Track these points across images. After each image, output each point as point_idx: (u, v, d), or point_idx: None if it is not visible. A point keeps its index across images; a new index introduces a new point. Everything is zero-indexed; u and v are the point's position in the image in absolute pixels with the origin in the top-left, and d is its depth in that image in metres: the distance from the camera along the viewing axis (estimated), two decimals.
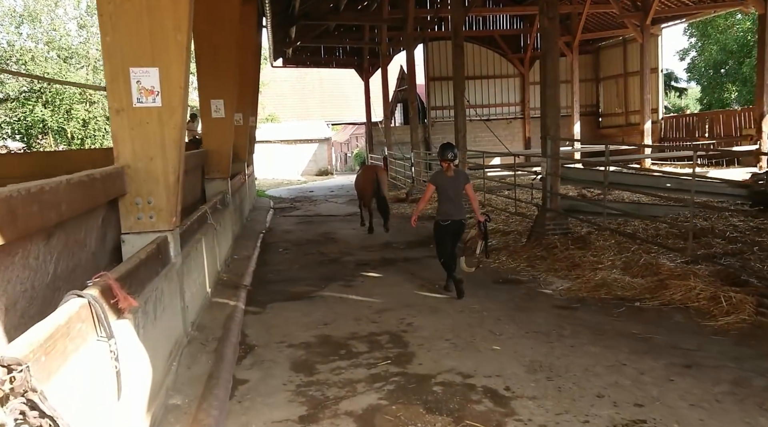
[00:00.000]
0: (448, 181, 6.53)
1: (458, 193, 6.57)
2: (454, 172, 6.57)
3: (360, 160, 46.99)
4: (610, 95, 27.73)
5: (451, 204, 6.56)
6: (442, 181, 6.58)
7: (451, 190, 6.52)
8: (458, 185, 6.55)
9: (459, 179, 6.57)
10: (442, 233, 6.64)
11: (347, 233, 12.13)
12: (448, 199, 6.55)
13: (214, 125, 10.09)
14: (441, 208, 6.66)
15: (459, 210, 6.61)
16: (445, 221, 6.58)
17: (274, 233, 12.57)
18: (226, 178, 10.28)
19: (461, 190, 6.59)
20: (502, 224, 11.85)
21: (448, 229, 6.59)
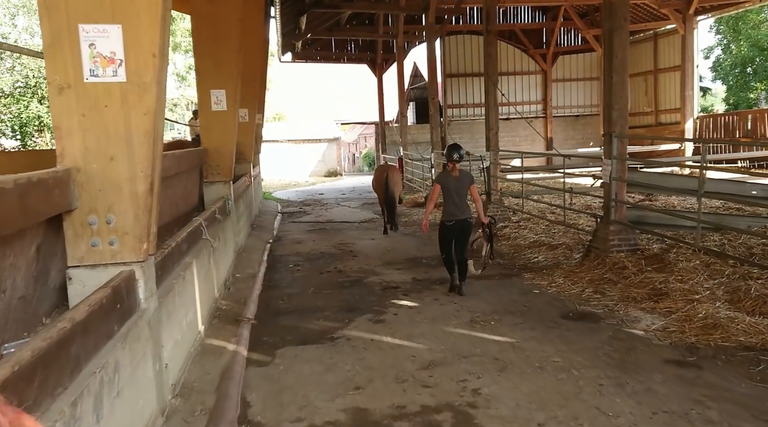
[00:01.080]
0: (453, 181, 6.65)
1: (463, 194, 6.66)
2: (459, 173, 6.69)
3: (369, 161, 45.59)
4: (638, 93, 26.09)
5: (456, 205, 6.64)
6: (447, 181, 6.70)
7: (456, 190, 6.63)
8: (463, 186, 6.66)
9: (464, 180, 6.68)
10: (446, 234, 6.76)
11: (366, 243, 10.63)
12: (452, 199, 6.66)
13: (214, 119, 8.63)
14: (446, 208, 6.74)
15: (463, 210, 6.67)
16: (449, 221, 6.69)
17: (283, 243, 11.09)
18: (227, 181, 8.82)
19: (466, 191, 6.69)
20: (544, 234, 10.32)
21: (453, 229, 6.70)
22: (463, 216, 6.68)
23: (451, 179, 6.67)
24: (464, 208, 6.69)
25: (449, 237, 6.75)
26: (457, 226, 6.69)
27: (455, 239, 6.75)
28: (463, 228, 6.73)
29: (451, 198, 6.68)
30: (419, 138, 24.65)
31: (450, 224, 6.70)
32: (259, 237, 11.51)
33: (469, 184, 6.70)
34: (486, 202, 12.30)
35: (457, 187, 6.64)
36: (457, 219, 6.66)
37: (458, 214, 6.66)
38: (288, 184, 28.73)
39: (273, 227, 13.36)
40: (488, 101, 12.29)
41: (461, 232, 6.74)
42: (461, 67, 26.27)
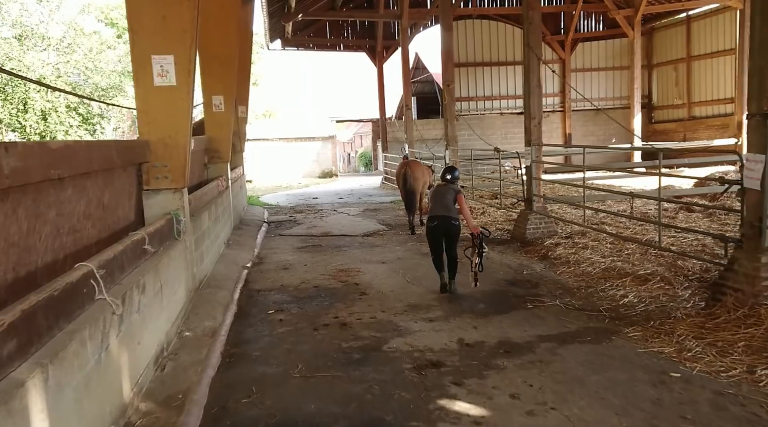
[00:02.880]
0: (441, 190, 6.89)
1: (449, 200, 6.75)
2: (447, 185, 6.95)
3: (366, 161, 42.87)
4: (667, 84, 23.51)
5: (441, 206, 6.73)
6: (435, 189, 7.04)
7: (442, 196, 6.80)
8: (449, 194, 6.79)
9: (450, 189, 6.86)
10: (433, 235, 6.78)
11: (375, 270, 7.92)
12: (437, 201, 6.83)
13: (157, 99, 5.89)
14: (431, 210, 6.89)
15: (448, 210, 6.70)
16: (432, 220, 6.75)
17: (266, 269, 8.35)
18: (179, 188, 6.09)
19: (452, 198, 6.77)
20: (616, 256, 7.64)
21: (438, 228, 6.71)
22: (447, 214, 6.68)
23: (441, 189, 6.95)
24: (449, 210, 6.72)
25: (436, 237, 6.77)
26: (442, 226, 6.69)
27: (444, 240, 6.76)
28: (448, 228, 6.71)
29: (436, 200, 6.87)
30: (425, 134, 21.96)
31: (433, 224, 6.74)
32: (235, 259, 8.76)
33: (455, 193, 6.82)
34: (526, 212, 9.60)
35: (443, 195, 6.82)
36: (441, 217, 6.67)
37: (443, 212, 6.68)
38: (278, 187, 25.94)
39: (254, 243, 10.61)
40: (529, 81, 9.60)
41: (447, 232, 6.72)
42: (470, 55, 23.60)
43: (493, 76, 23.99)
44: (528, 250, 8.78)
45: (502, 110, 24.31)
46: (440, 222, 6.67)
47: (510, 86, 24.16)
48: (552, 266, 7.67)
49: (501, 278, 7.12)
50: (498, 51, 23.87)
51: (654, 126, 23.97)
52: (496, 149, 11.27)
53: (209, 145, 11.08)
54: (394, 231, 11.53)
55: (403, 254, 9.00)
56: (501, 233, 10.55)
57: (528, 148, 9.66)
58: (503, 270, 7.56)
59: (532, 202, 9.63)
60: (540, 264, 7.85)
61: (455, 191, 6.81)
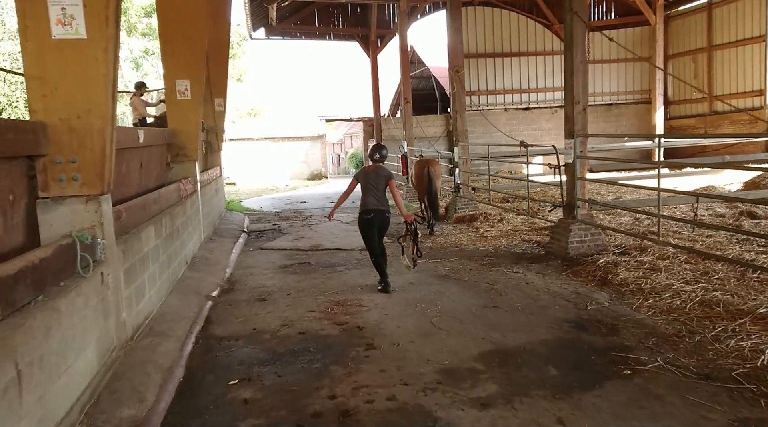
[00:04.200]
0: (372, 176, 6.50)
1: (381, 188, 6.47)
2: (377, 169, 6.57)
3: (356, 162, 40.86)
4: (684, 77, 21.68)
5: (374, 197, 6.44)
6: (365, 177, 6.54)
7: (374, 185, 6.45)
8: (381, 180, 6.47)
9: (381, 175, 6.51)
10: (368, 227, 6.47)
11: (384, 303, 5.90)
12: (370, 193, 6.46)
13: (57, 57, 3.86)
14: (363, 201, 6.52)
15: (381, 202, 6.46)
16: (367, 213, 6.44)
17: (235, 301, 6.30)
18: (96, 196, 4.06)
19: (384, 186, 6.48)
20: (705, 281, 5.69)
21: (372, 221, 6.43)
22: (381, 207, 6.43)
23: (370, 174, 6.54)
24: (383, 201, 6.48)
25: (370, 231, 6.46)
26: (377, 218, 6.43)
27: (378, 233, 6.47)
28: (382, 221, 6.48)
29: (368, 192, 6.46)
30: (423, 132, 19.99)
31: (368, 217, 6.43)
32: (198, 286, 6.71)
33: (386, 179, 6.49)
34: (567, 221, 7.65)
35: (376, 181, 6.46)
36: (375, 210, 6.40)
37: (377, 205, 6.41)
38: (263, 190, 23.85)
39: (227, 261, 8.56)
40: (572, 56, 7.64)
41: (381, 224, 6.50)
42: (471, 46, 21.62)
43: (496, 68, 22.07)
44: (576, 271, 6.81)
45: (506, 106, 22.40)
46: (375, 215, 6.42)
47: (515, 80, 22.26)
48: (620, 297, 5.70)
49: (560, 317, 5.12)
50: (502, 41, 21.96)
51: (670, 122, 22.13)
52: (522, 144, 9.31)
53: (173, 140, 9.03)
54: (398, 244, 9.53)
55: (415, 277, 7.00)
56: (530, 246, 8.59)
57: (569, 140, 7.70)
58: (557, 303, 5.57)
59: (575, 209, 7.67)
60: (602, 293, 5.88)
61: (386, 177, 6.51)
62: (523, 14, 21.75)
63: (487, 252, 8.39)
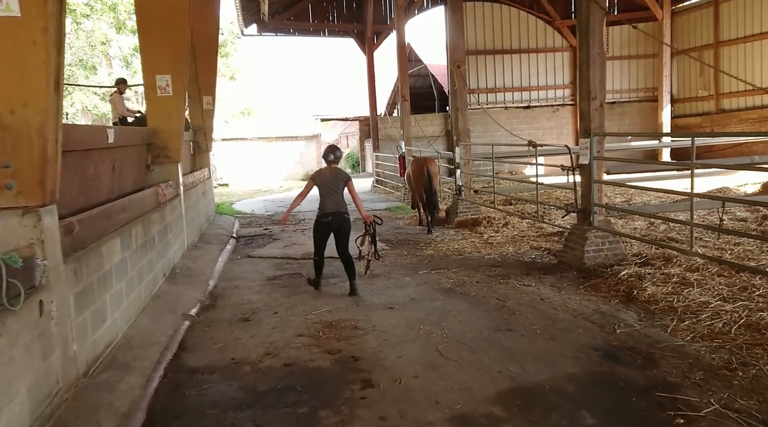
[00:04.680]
0: (330, 178, 6.38)
1: (339, 191, 6.38)
2: (334, 171, 6.47)
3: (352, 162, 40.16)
4: (690, 74, 21.07)
5: (332, 200, 6.34)
6: (322, 179, 6.42)
7: (333, 187, 6.35)
8: (338, 182, 6.37)
9: (339, 177, 6.42)
10: (322, 230, 6.41)
11: (384, 324, 5.21)
12: (329, 196, 6.35)
13: None
14: (322, 204, 6.41)
15: (339, 205, 6.35)
16: (325, 216, 6.33)
17: (215, 322, 5.60)
18: (36, 208, 3.36)
19: (342, 188, 6.39)
20: (756, 302, 5.04)
21: (330, 225, 6.34)
22: (340, 210, 6.33)
23: (327, 177, 6.40)
24: (341, 203, 6.37)
25: (325, 234, 6.40)
26: (335, 221, 6.33)
27: (335, 237, 6.40)
28: (341, 224, 6.37)
29: (327, 195, 6.36)
30: (420, 131, 19.31)
31: (326, 220, 6.33)
32: (175, 303, 6.01)
33: (345, 181, 6.40)
34: (582, 228, 6.98)
35: (334, 183, 6.35)
36: (334, 213, 6.30)
37: (336, 208, 6.32)
38: (257, 192, 23.13)
39: (212, 271, 7.86)
40: (588, 46, 6.92)
41: (340, 228, 6.38)
42: (470, 43, 20.88)
43: (496, 65, 21.39)
44: (595, 285, 6.14)
45: (506, 104, 21.73)
46: (334, 218, 6.33)
47: (515, 77, 21.58)
48: (650, 317, 5.03)
49: (586, 343, 4.44)
50: (502, 38, 21.29)
51: (675, 121, 21.47)
52: (530, 143, 8.62)
53: (153, 140, 8.33)
54: (398, 251, 8.86)
55: (417, 291, 6.32)
56: (539, 255, 7.92)
57: (585, 140, 7.02)
58: (580, 325, 4.89)
59: (591, 215, 6.99)
60: (629, 312, 5.20)
61: (344, 179, 6.44)
62: (524, 10, 21.09)
63: (493, 261, 7.72)
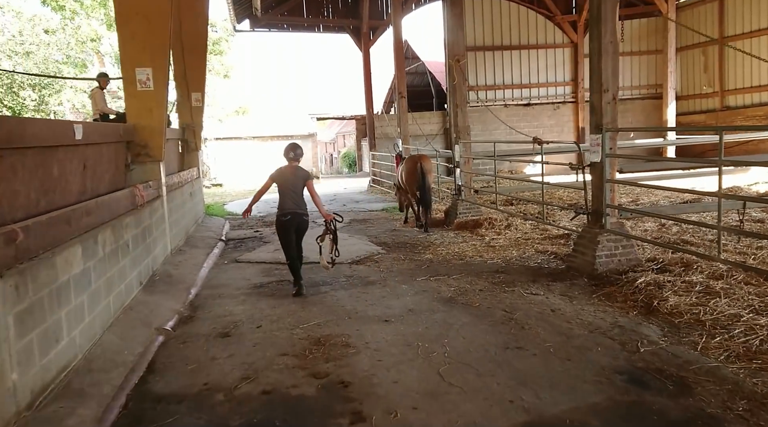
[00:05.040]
0: (289, 177, 6.41)
1: (299, 190, 6.41)
2: (295, 169, 6.49)
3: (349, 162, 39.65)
4: (694, 71, 20.60)
5: (292, 200, 6.37)
6: (282, 177, 6.44)
7: (292, 186, 6.38)
8: (298, 182, 6.40)
9: (299, 176, 6.45)
10: (285, 230, 6.41)
11: (378, 340, 4.67)
12: (288, 195, 6.38)
13: None
14: (281, 204, 6.44)
15: (299, 204, 6.39)
16: (285, 215, 6.36)
17: (191, 338, 5.06)
18: None
19: (302, 187, 6.43)
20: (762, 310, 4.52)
21: (290, 224, 6.37)
22: (298, 210, 6.37)
23: (287, 175, 6.42)
24: (300, 203, 6.41)
25: (288, 233, 6.39)
26: (294, 220, 6.37)
27: (293, 234, 6.38)
28: (300, 223, 6.43)
29: (287, 194, 6.39)
30: (418, 130, 18.79)
31: (285, 219, 6.37)
32: (149, 315, 5.47)
33: (304, 180, 6.44)
34: (593, 231, 6.46)
35: (294, 182, 6.38)
36: (293, 213, 6.33)
37: (294, 208, 6.34)
38: (251, 192, 22.47)
39: (195, 277, 7.32)
40: (599, 34, 6.38)
41: (298, 227, 6.44)
42: (470, 39, 20.37)
43: (495, 62, 20.87)
44: (609, 294, 5.62)
45: (506, 101, 21.21)
46: (293, 217, 6.35)
47: (515, 74, 21.07)
48: (675, 332, 4.50)
49: (607, 365, 3.91)
50: (501, 33, 20.78)
51: (678, 118, 20.98)
52: (536, 140, 8.09)
53: (133, 138, 7.78)
54: (394, 255, 8.33)
55: (415, 301, 5.78)
56: (546, 259, 7.40)
57: (596, 136, 6.48)
58: (598, 342, 4.35)
59: (603, 217, 6.46)
60: (651, 326, 4.67)
61: (304, 178, 6.46)
62: (524, 5, 20.56)
63: (497, 266, 7.19)
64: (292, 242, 6.41)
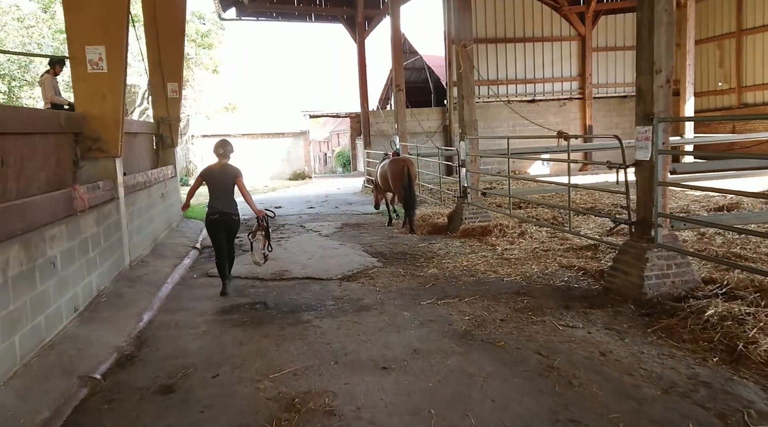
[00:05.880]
0: (219, 174, 6.29)
1: (228, 188, 6.29)
2: (224, 167, 6.34)
3: (343, 161, 38.37)
4: (708, 66, 19.42)
5: (220, 198, 6.25)
6: (211, 175, 6.32)
7: (221, 184, 6.26)
8: (228, 179, 6.27)
9: (229, 173, 6.30)
10: (214, 229, 6.33)
11: (374, 405, 3.40)
12: (217, 193, 6.29)
13: None
14: (210, 202, 6.34)
15: (228, 204, 6.26)
16: (213, 214, 6.25)
17: (123, 391, 3.77)
18: None
19: (231, 185, 6.29)
20: None
21: (218, 223, 6.26)
22: (227, 210, 6.23)
23: (216, 173, 6.29)
24: (229, 203, 6.28)
25: (217, 233, 6.30)
26: (222, 220, 6.23)
27: (223, 234, 6.28)
28: (228, 223, 6.27)
29: (215, 192, 6.28)
30: (416, 127, 17.53)
31: (214, 218, 6.25)
32: (73, 359, 4.18)
33: (234, 177, 6.28)
34: (639, 245, 5.20)
35: (223, 180, 6.25)
36: (221, 212, 6.20)
37: (222, 207, 6.22)
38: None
39: (152, 298, 6.02)
40: (651, 3, 5.10)
41: (227, 227, 6.30)
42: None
43: (498, 55, 19.63)
44: (670, 329, 4.36)
45: (509, 97, 19.98)
46: (221, 216, 6.21)
47: (519, 68, 19.84)
48: None
49: None
50: (505, 25, 19.55)
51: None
52: (561, 135, 6.83)
53: (82, 129, 6.49)
54: (393, 269, 7.07)
55: (421, 336, 4.52)
56: (574, 276, 6.15)
57: (644, 128, 5.22)
58: (685, 413, 3.08)
59: (652, 228, 5.21)
60: (748, 384, 3.42)
61: (233, 175, 6.30)
62: None
63: (517, 286, 5.95)
64: (221, 241, 6.30)
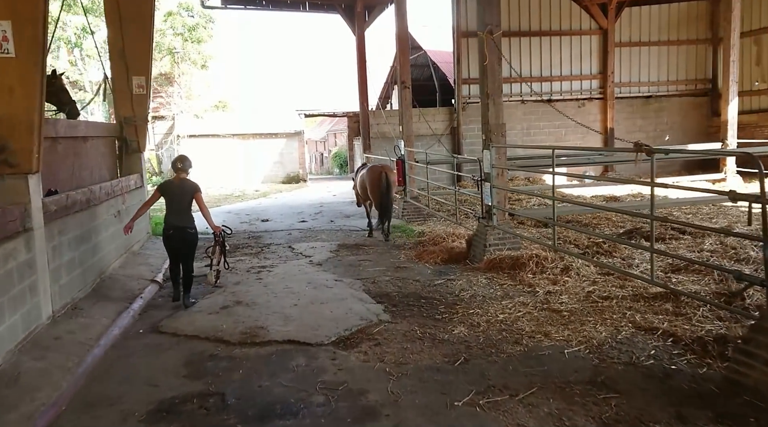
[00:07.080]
0: (177, 189, 6.32)
1: (185, 203, 6.27)
2: (182, 182, 6.37)
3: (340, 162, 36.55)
4: (743, 64, 17.58)
5: (176, 213, 6.24)
6: (169, 189, 6.36)
7: (178, 198, 6.26)
8: (186, 194, 6.28)
9: (187, 188, 6.32)
10: (170, 245, 6.32)
11: None
12: (173, 208, 6.28)
13: None
14: (167, 217, 6.32)
15: (184, 219, 6.25)
16: (168, 229, 6.24)
17: None
18: None
19: (189, 200, 6.29)
20: None
21: (174, 239, 6.23)
22: (182, 225, 6.22)
23: (174, 186, 6.33)
24: (185, 218, 6.25)
25: (173, 247, 6.30)
26: (177, 235, 6.21)
27: (181, 250, 6.28)
28: (184, 238, 6.23)
29: (172, 207, 6.28)
30: (422, 129, 15.69)
31: (170, 233, 6.23)
32: None
33: (192, 192, 6.29)
34: None
35: (181, 194, 6.25)
36: (177, 227, 6.21)
37: (177, 222, 6.21)
38: (227, 198, 19.35)
39: (61, 381, 4.16)
40: None
41: (183, 242, 6.25)
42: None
43: (512, 51, 17.74)
44: None
45: (523, 97, 18.15)
46: (176, 232, 6.20)
47: (534, 65, 18.00)
48: None
49: None
50: (519, 17, 17.71)
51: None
52: (638, 147, 4.93)
53: None
54: (404, 325, 5.24)
55: None
56: (661, 347, 4.34)
57: None
58: None
59: None
60: None
61: (191, 191, 6.30)
62: None
63: (587, 365, 4.15)
64: (176, 257, 6.30)
